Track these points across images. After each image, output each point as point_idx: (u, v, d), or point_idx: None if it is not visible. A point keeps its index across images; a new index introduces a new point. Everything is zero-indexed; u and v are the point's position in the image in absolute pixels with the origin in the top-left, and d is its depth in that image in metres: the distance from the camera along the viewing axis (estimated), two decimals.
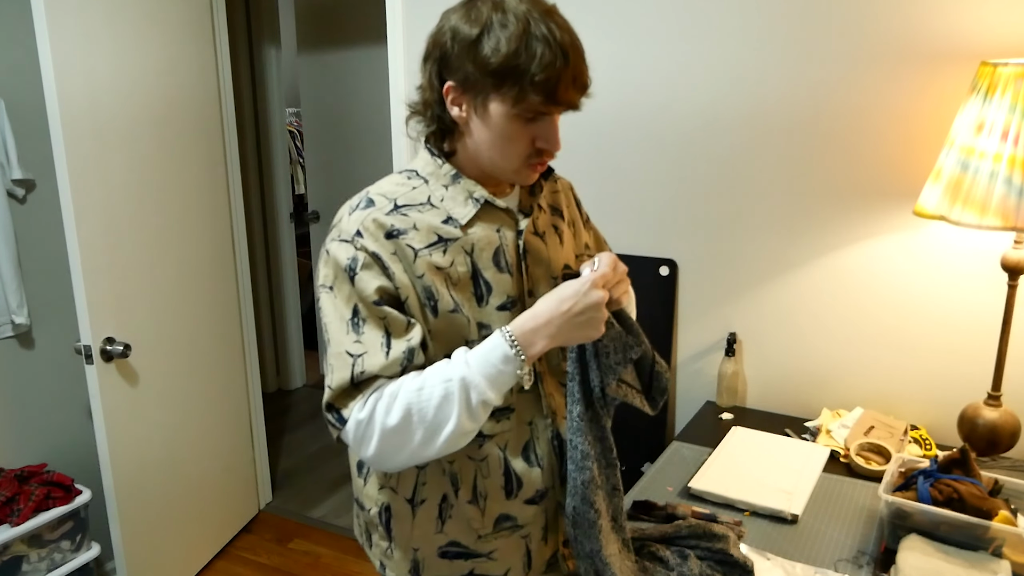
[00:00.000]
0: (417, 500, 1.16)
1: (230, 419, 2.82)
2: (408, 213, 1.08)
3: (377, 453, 1.02)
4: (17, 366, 2.35)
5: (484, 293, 1.11)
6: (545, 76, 0.97)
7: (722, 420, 1.93)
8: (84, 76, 2.03)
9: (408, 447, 1.02)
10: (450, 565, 1.18)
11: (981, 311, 1.75)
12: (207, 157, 2.61)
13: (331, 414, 1.04)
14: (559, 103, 1.01)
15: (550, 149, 1.07)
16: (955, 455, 1.36)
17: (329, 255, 1.06)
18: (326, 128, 4.09)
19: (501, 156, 1.07)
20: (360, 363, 1.02)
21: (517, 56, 0.97)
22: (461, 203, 1.10)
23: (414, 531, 1.18)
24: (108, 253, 2.15)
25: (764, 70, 1.87)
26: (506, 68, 0.98)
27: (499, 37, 0.98)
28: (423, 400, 1.00)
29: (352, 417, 1.02)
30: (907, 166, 1.77)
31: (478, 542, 1.17)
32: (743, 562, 1.23)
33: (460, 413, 1.00)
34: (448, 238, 1.08)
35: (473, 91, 1.03)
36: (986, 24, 1.64)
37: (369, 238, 1.04)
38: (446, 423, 1.01)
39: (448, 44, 1.02)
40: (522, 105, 1.00)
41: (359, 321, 1.04)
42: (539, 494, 1.18)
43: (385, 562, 1.24)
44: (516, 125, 1.03)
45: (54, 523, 2.24)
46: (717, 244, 2.01)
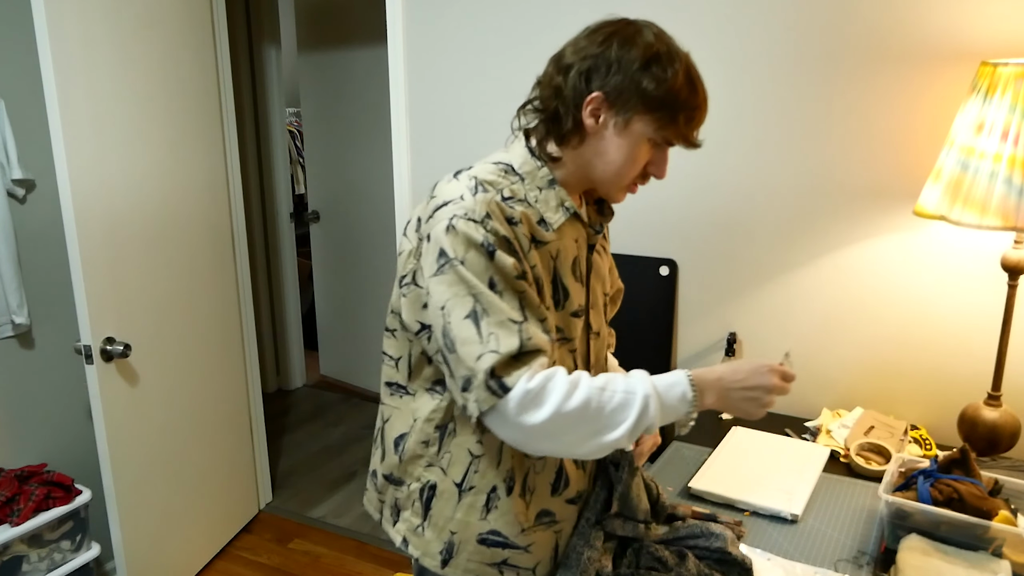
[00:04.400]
0: (466, 486, 1.17)
1: (230, 419, 2.82)
2: (514, 206, 1.10)
3: (540, 428, 1.02)
4: (17, 366, 2.35)
5: (562, 299, 1.16)
6: (695, 116, 1.10)
7: (722, 420, 1.93)
8: (84, 76, 2.03)
9: (569, 435, 1.03)
10: (486, 552, 1.19)
11: (981, 311, 1.75)
12: (207, 157, 2.61)
13: (492, 381, 1.02)
14: (691, 140, 1.12)
15: (659, 176, 1.16)
16: (955, 455, 1.36)
17: (457, 231, 1.05)
18: (326, 128, 4.09)
19: (617, 171, 1.13)
20: (526, 330, 1.03)
21: (679, 93, 1.07)
22: (553, 208, 1.14)
23: (456, 514, 1.19)
24: (108, 253, 2.15)
25: (764, 69, 1.87)
26: (668, 98, 1.07)
27: (669, 70, 1.07)
28: (603, 399, 1.03)
29: (520, 386, 1.01)
30: (907, 166, 1.77)
31: (520, 535, 1.19)
32: (741, 560, 1.23)
33: (631, 425, 1.03)
34: (539, 240, 1.12)
35: (620, 106, 1.09)
36: (986, 24, 1.64)
37: (497, 222, 1.06)
38: (615, 428, 1.04)
39: (610, 59, 1.08)
40: (664, 132, 1.09)
41: (501, 291, 1.05)
42: (579, 495, 1.24)
43: (411, 538, 1.24)
44: (645, 148, 1.12)
45: (54, 523, 2.24)
46: (717, 244, 2.01)
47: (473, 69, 2.24)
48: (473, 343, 1.03)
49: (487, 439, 1.16)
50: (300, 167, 5.66)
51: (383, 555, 2.83)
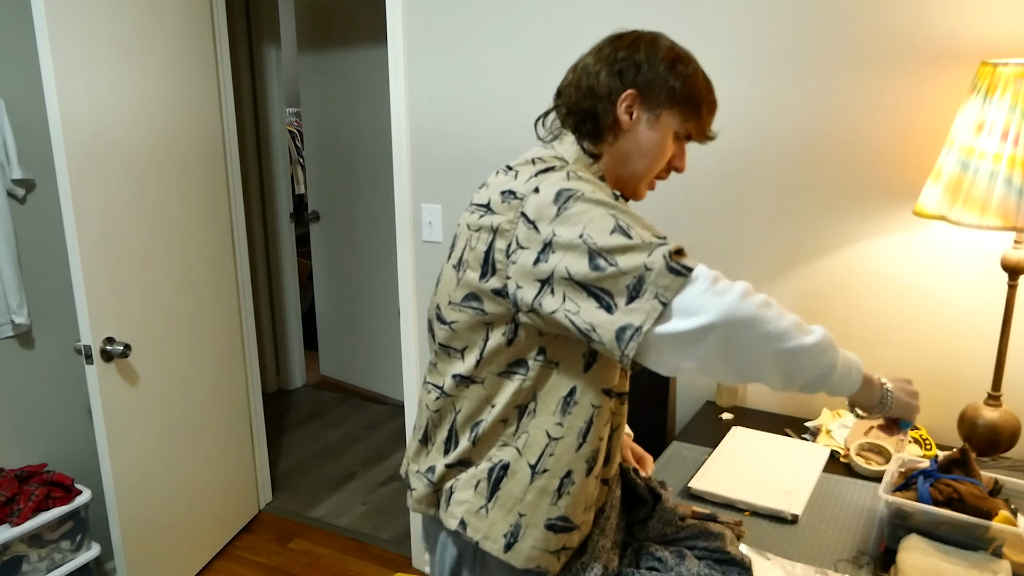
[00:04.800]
0: (540, 468, 1.16)
1: (230, 419, 2.82)
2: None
3: (730, 309, 0.97)
4: (17, 366, 2.35)
5: None
6: (712, 110, 1.22)
7: (722, 420, 1.93)
8: (84, 75, 2.03)
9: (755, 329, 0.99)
10: (552, 539, 1.17)
11: (981, 311, 1.75)
12: (207, 157, 2.61)
13: (674, 263, 0.99)
14: (707, 133, 1.23)
15: (681, 169, 1.25)
16: (955, 455, 1.36)
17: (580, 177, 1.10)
18: (326, 128, 4.09)
19: (648, 165, 1.21)
20: (670, 243, 1.02)
21: (702, 88, 1.19)
22: None
23: (527, 496, 1.17)
24: (108, 253, 2.15)
25: (764, 69, 1.87)
26: (693, 93, 1.18)
27: (690, 68, 1.18)
28: (781, 312, 1.01)
29: (703, 269, 0.99)
30: (907, 166, 1.77)
31: (582, 513, 1.19)
32: (741, 559, 1.23)
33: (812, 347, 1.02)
34: None
35: (651, 102, 1.18)
36: (986, 24, 1.64)
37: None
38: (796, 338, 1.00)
39: (640, 60, 1.17)
40: (688, 125, 1.20)
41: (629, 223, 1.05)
42: (610, 478, 1.26)
43: (471, 520, 1.19)
44: (671, 143, 1.21)
45: (54, 523, 2.24)
46: (717, 244, 2.01)
47: (473, 69, 2.24)
48: (634, 248, 1.00)
49: (568, 422, 1.14)
50: (300, 167, 5.66)
51: (383, 555, 2.83)
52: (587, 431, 1.15)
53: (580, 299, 1.03)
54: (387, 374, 4.12)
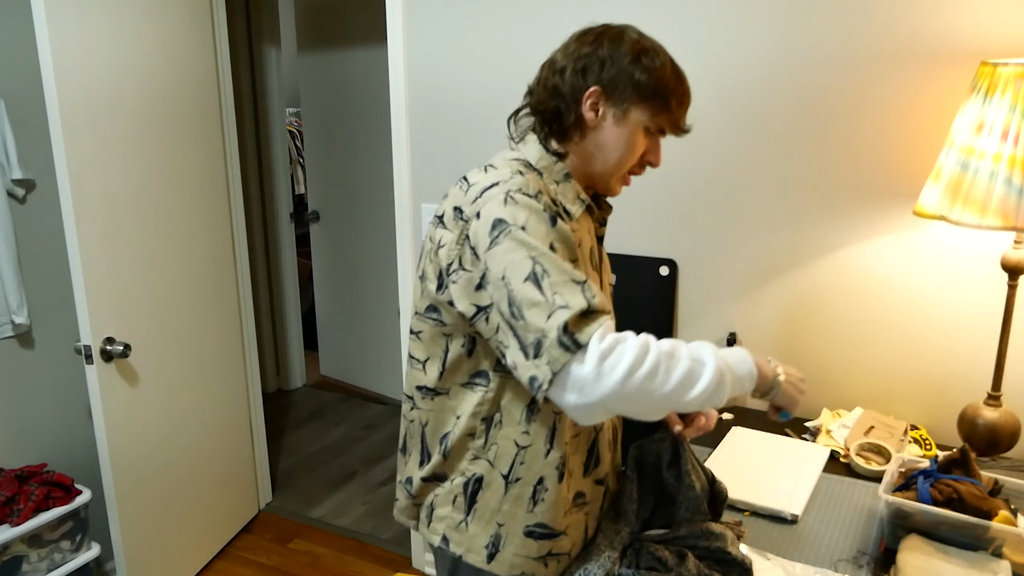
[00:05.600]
0: (512, 477, 1.19)
1: (230, 419, 2.82)
2: (539, 197, 1.14)
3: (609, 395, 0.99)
4: (17, 366, 2.35)
5: None
6: (683, 104, 1.18)
7: (722, 420, 1.93)
8: (84, 76, 2.03)
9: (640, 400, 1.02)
10: (532, 545, 1.21)
11: (981, 311, 1.75)
12: (207, 157, 2.61)
13: (565, 337, 1.00)
14: (679, 128, 1.20)
15: (655, 164, 1.22)
16: (955, 455, 1.36)
17: (516, 200, 1.08)
18: (326, 128, 4.09)
19: (618, 161, 1.19)
20: (588, 289, 1.03)
21: (670, 80, 1.15)
22: (571, 200, 1.19)
23: (503, 506, 1.20)
24: (108, 253, 2.15)
25: (764, 70, 1.87)
26: (659, 86, 1.15)
27: (657, 61, 1.15)
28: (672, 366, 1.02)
29: (593, 344, 0.99)
30: (907, 166, 1.77)
31: (561, 519, 1.22)
32: (741, 560, 1.23)
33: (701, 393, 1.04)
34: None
35: (617, 98, 1.15)
36: (986, 24, 1.64)
37: (548, 199, 1.13)
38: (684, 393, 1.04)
39: (603, 55, 1.15)
40: (657, 120, 1.16)
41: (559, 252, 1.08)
42: (604, 477, 1.29)
43: (452, 535, 1.23)
44: (641, 137, 1.18)
45: (54, 523, 2.24)
46: (717, 244, 2.01)
47: (473, 69, 2.24)
48: (539, 304, 1.01)
49: (533, 429, 1.17)
50: (300, 167, 5.66)
51: (383, 555, 2.83)
52: (552, 437, 1.17)
53: (508, 336, 1.05)
54: (387, 374, 4.12)
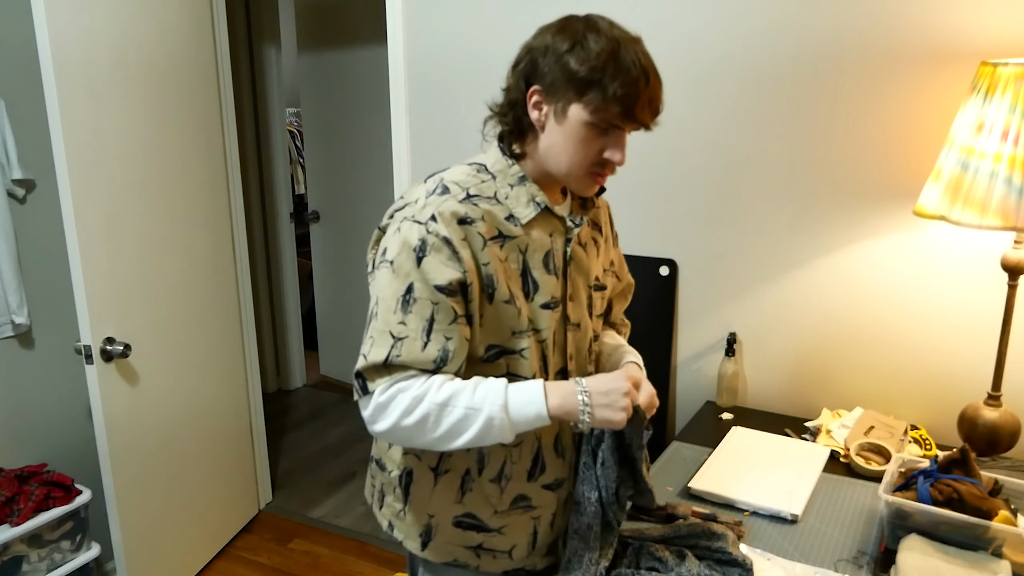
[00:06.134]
0: (441, 470, 1.24)
1: (230, 419, 2.82)
2: (478, 203, 1.14)
3: (384, 435, 1.12)
4: (17, 366, 2.35)
5: (531, 291, 1.19)
6: (625, 92, 1.06)
7: (722, 420, 1.93)
8: (84, 76, 2.03)
9: (413, 443, 1.12)
10: (462, 535, 1.26)
11: (981, 311, 1.75)
12: (207, 157, 2.61)
13: (358, 380, 1.11)
14: (633, 119, 1.09)
15: (615, 161, 1.13)
16: (955, 455, 1.36)
17: (400, 232, 1.12)
18: (326, 128, 4.09)
19: (569, 161, 1.13)
20: (399, 347, 1.09)
21: (604, 69, 1.06)
22: (523, 204, 1.17)
23: (432, 498, 1.25)
24: (108, 253, 2.15)
25: (764, 69, 1.87)
26: (591, 78, 1.06)
27: (590, 50, 1.06)
28: (442, 416, 1.08)
29: (374, 397, 1.10)
30: (907, 166, 1.77)
31: (493, 517, 1.24)
32: (742, 560, 1.23)
33: (472, 440, 1.09)
34: (507, 235, 1.16)
35: (556, 96, 1.10)
36: (986, 24, 1.64)
37: (443, 224, 1.10)
38: (452, 441, 1.10)
39: (541, 52, 1.11)
40: (600, 115, 1.08)
41: (410, 300, 1.10)
42: (556, 482, 1.27)
43: (395, 523, 1.31)
44: (589, 133, 1.11)
45: (54, 523, 2.24)
46: (717, 244, 2.01)
47: (473, 69, 2.24)
48: (371, 336, 1.12)
49: None
50: (300, 167, 5.66)
51: (383, 555, 2.83)
52: None
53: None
54: None
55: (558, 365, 1.24)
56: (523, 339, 1.17)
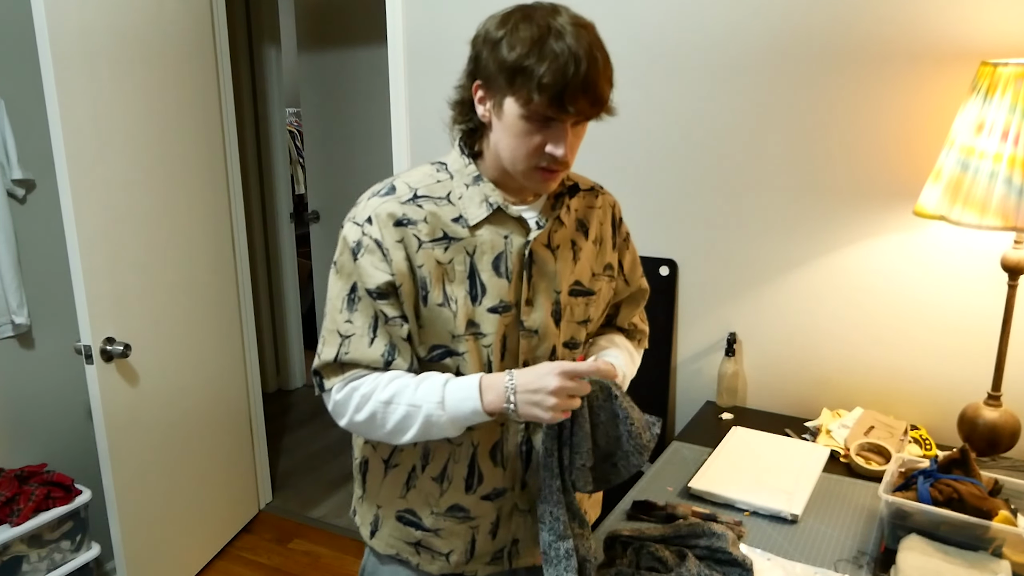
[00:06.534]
0: (392, 463, 1.25)
1: (230, 419, 2.82)
2: (423, 205, 1.13)
3: (348, 429, 1.17)
4: (17, 366, 2.35)
5: (478, 294, 1.15)
6: (552, 80, 0.99)
7: (722, 420, 1.93)
8: (84, 76, 2.03)
9: (373, 437, 1.17)
10: (402, 530, 1.27)
11: (981, 311, 1.75)
12: (207, 157, 2.61)
13: (316, 378, 1.17)
14: (565, 110, 1.02)
15: (557, 156, 1.06)
16: (955, 455, 1.36)
17: (343, 232, 1.15)
18: (326, 128, 4.09)
19: (511, 157, 1.09)
20: (346, 345, 1.13)
21: (528, 57, 1.00)
22: (476, 204, 1.14)
23: (382, 489, 1.28)
24: (108, 253, 2.15)
25: (764, 69, 1.87)
26: (516, 67, 1.02)
27: (518, 39, 1.02)
28: (387, 413, 1.11)
29: (331, 394, 1.15)
30: (907, 166, 1.77)
31: (430, 517, 1.25)
32: (742, 560, 1.23)
33: (415, 435, 1.12)
34: (453, 237, 1.14)
35: (493, 90, 1.08)
36: (986, 24, 1.64)
37: (377, 225, 1.11)
38: (400, 437, 1.13)
39: (479, 46, 1.09)
40: (530, 107, 1.03)
41: (355, 299, 1.13)
42: (496, 492, 1.24)
43: (358, 508, 1.35)
44: (526, 126, 1.06)
45: (54, 523, 2.24)
46: (717, 244, 2.01)
47: None
48: (323, 336, 1.16)
49: None
50: (300, 167, 5.66)
51: None
52: None
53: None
54: None
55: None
56: (463, 342, 1.15)
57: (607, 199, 1.31)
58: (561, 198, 1.21)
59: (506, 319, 1.16)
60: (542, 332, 1.19)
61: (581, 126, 1.09)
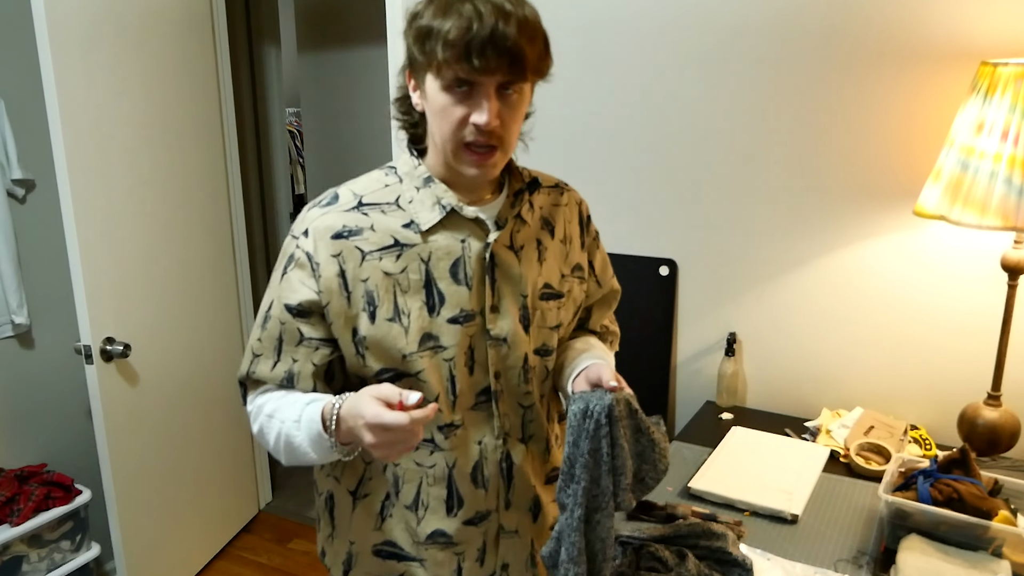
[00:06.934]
0: (360, 493, 1.17)
1: (230, 419, 2.82)
2: (369, 213, 1.07)
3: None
4: (17, 366, 2.35)
5: (436, 304, 1.07)
6: (457, 35, 0.93)
7: (722, 420, 1.93)
8: (84, 76, 2.03)
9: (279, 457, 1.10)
10: (382, 564, 1.18)
11: (981, 311, 1.75)
12: (207, 157, 2.61)
13: (240, 389, 1.15)
14: (473, 65, 0.94)
15: (480, 124, 0.98)
16: (955, 455, 1.36)
17: (284, 245, 1.11)
18: (326, 128, 4.09)
19: (441, 139, 1.02)
20: (255, 363, 1.10)
21: (434, 20, 0.96)
22: (428, 208, 1.07)
23: (353, 523, 1.19)
24: (108, 253, 2.15)
25: (764, 69, 1.87)
26: (425, 33, 0.96)
27: (430, 10, 0.97)
28: (268, 429, 1.07)
29: (247, 406, 1.14)
30: (907, 166, 1.77)
31: (413, 546, 1.16)
32: (742, 560, 1.23)
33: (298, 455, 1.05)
34: (404, 243, 1.06)
35: (416, 70, 1.02)
36: (986, 24, 1.64)
37: (312, 238, 1.05)
38: (287, 455, 1.07)
39: (405, 31, 1.03)
40: (443, 71, 0.96)
41: (268, 317, 1.09)
42: (479, 516, 1.15)
43: (326, 548, 1.26)
44: (447, 99, 0.98)
45: (54, 523, 2.24)
46: (717, 244, 2.01)
47: None
48: (250, 345, 1.12)
49: None
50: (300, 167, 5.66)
51: None
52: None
53: None
54: None
55: (480, 384, 1.12)
56: (417, 360, 1.06)
57: (573, 196, 1.25)
58: (521, 194, 1.14)
59: (470, 329, 1.09)
60: (511, 340, 1.12)
61: (514, 96, 1.00)
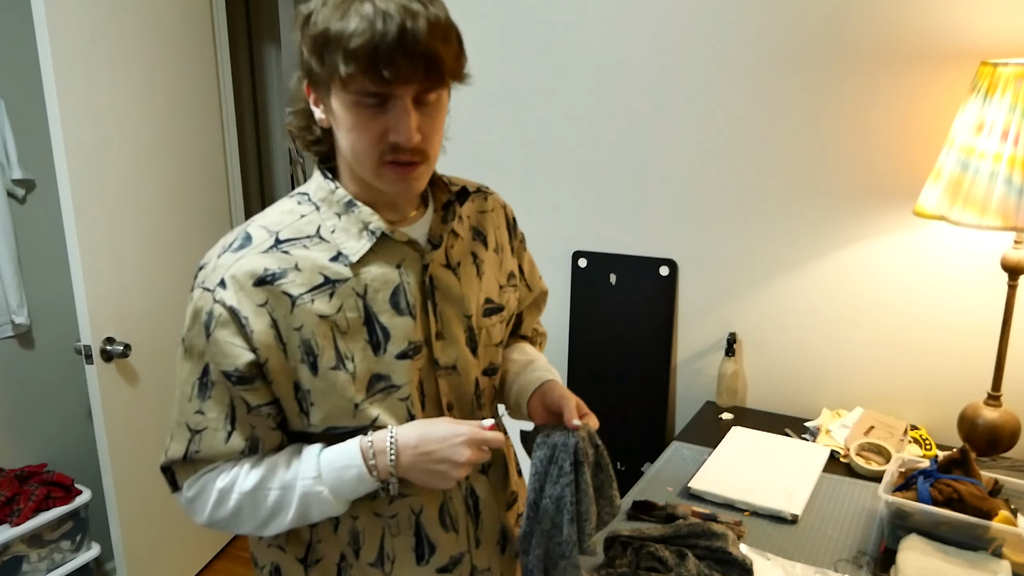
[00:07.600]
0: (311, 560, 1.04)
1: None
2: (290, 250, 0.94)
3: (209, 528, 1.00)
4: (17, 366, 2.35)
5: (381, 341, 0.96)
6: (360, 42, 0.81)
7: (722, 420, 1.93)
8: (84, 76, 2.03)
9: (241, 532, 1.00)
10: None
11: (981, 311, 1.75)
12: (207, 157, 2.61)
13: (165, 475, 1.00)
14: (383, 77, 0.83)
15: (400, 140, 0.87)
16: (955, 455, 1.36)
17: (191, 302, 0.95)
18: None
19: (355, 157, 0.91)
20: (197, 441, 0.96)
21: (330, 21, 0.83)
22: (355, 236, 0.96)
23: None
24: (108, 253, 2.15)
25: (764, 69, 1.87)
26: (323, 40, 0.84)
27: (322, 12, 0.85)
28: (257, 502, 0.95)
29: (183, 493, 0.99)
30: (907, 166, 1.77)
31: None
32: (742, 560, 1.23)
33: (294, 521, 0.96)
34: (336, 279, 0.94)
35: (317, 83, 0.89)
36: (986, 24, 1.64)
37: (232, 289, 0.91)
38: (276, 525, 0.97)
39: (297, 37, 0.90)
40: (350, 86, 0.84)
41: (207, 383, 0.95)
42: (453, 560, 1.07)
43: None
44: (359, 115, 0.87)
45: (54, 523, 2.24)
46: (717, 244, 2.01)
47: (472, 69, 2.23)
48: (171, 429, 1.00)
49: None
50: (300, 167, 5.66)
51: None
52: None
53: None
54: None
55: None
56: (369, 408, 0.96)
57: (497, 200, 1.16)
58: (451, 206, 1.04)
59: (419, 362, 0.99)
60: (461, 366, 1.04)
61: (432, 104, 0.90)
